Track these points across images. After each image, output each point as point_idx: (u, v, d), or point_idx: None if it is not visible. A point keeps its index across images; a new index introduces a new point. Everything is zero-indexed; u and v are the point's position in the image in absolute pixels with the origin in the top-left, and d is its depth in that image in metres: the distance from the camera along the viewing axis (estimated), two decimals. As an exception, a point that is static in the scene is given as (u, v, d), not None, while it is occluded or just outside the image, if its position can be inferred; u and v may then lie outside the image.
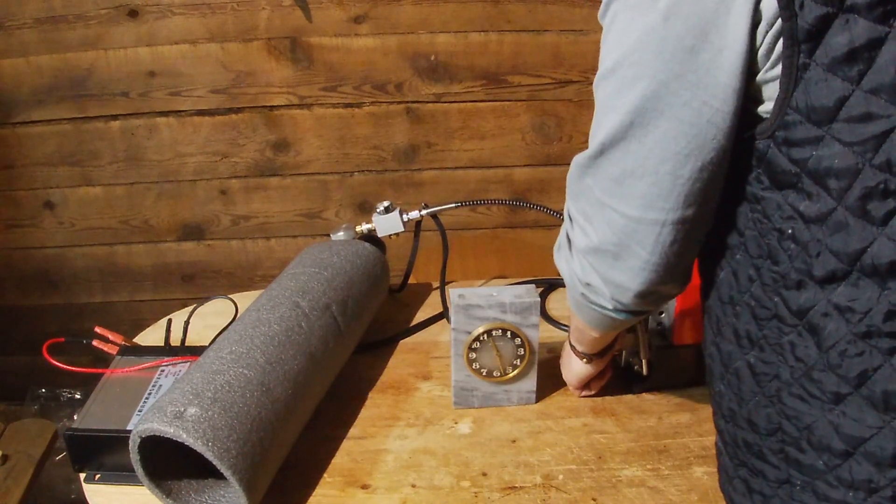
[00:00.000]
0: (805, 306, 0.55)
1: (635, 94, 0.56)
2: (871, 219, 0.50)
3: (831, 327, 0.54)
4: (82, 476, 0.84)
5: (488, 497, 0.81)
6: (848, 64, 0.48)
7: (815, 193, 0.52)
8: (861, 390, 0.53)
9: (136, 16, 1.56)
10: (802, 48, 0.49)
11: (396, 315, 1.13)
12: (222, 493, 0.78)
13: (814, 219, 0.53)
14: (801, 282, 0.55)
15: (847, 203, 0.51)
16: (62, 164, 1.71)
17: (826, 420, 0.56)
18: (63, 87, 1.63)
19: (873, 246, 0.51)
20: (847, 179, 0.50)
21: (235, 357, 0.80)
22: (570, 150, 1.79)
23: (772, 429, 0.60)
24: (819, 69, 0.49)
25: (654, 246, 0.60)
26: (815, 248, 0.53)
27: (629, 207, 0.60)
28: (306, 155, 1.75)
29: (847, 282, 0.53)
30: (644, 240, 0.60)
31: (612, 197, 0.61)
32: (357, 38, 1.64)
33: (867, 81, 0.48)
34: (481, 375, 0.91)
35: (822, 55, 0.49)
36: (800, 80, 0.50)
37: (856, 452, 0.54)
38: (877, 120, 0.49)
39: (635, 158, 0.58)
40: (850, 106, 0.49)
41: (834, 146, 0.50)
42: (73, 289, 1.86)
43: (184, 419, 0.71)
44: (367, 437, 0.90)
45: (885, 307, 0.51)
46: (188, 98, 1.65)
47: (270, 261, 1.86)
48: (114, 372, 0.90)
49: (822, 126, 0.50)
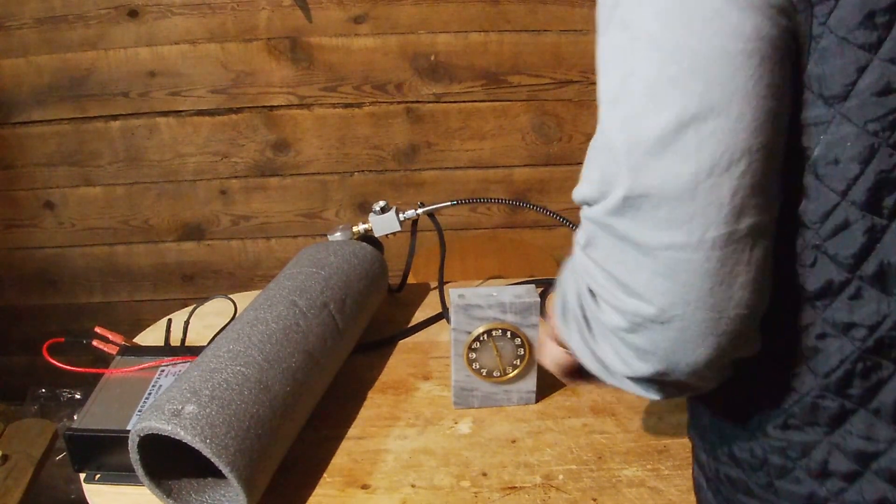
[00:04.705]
0: (800, 326, 0.50)
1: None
2: (882, 211, 0.46)
3: (833, 349, 0.49)
4: (82, 476, 0.84)
5: (488, 497, 0.81)
6: (866, 29, 0.44)
7: (814, 189, 0.47)
8: (869, 405, 0.50)
9: (136, 16, 1.56)
10: (816, 11, 0.44)
11: (395, 315, 1.13)
12: (222, 492, 0.78)
13: (810, 221, 0.48)
14: (791, 299, 0.50)
15: (854, 196, 0.46)
16: (62, 164, 1.71)
17: (828, 443, 0.52)
18: (63, 87, 1.63)
19: (883, 242, 0.46)
20: (858, 166, 0.45)
21: (233, 355, 0.80)
22: (570, 150, 1.79)
23: (757, 463, 0.56)
24: (833, 37, 0.45)
25: (749, 265, 0.46)
26: (810, 256, 0.49)
27: (694, 233, 0.45)
28: (306, 155, 1.75)
29: (845, 294, 0.48)
30: (738, 259, 0.45)
31: (665, 230, 0.45)
32: (357, 38, 1.64)
33: (886, 49, 0.44)
34: (481, 375, 0.91)
35: (837, 21, 0.44)
36: (813, 52, 0.45)
37: (867, 471, 0.51)
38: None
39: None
40: (868, 78, 0.44)
41: (845, 127, 0.45)
42: (73, 289, 1.86)
43: (181, 417, 0.71)
44: (367, 437, 0.90)
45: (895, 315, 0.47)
46: (188, 98, 1.65)
47: (270, 261, 1.86)
48: (114, 372, 0.90)
49: (833, 104, 0.45)
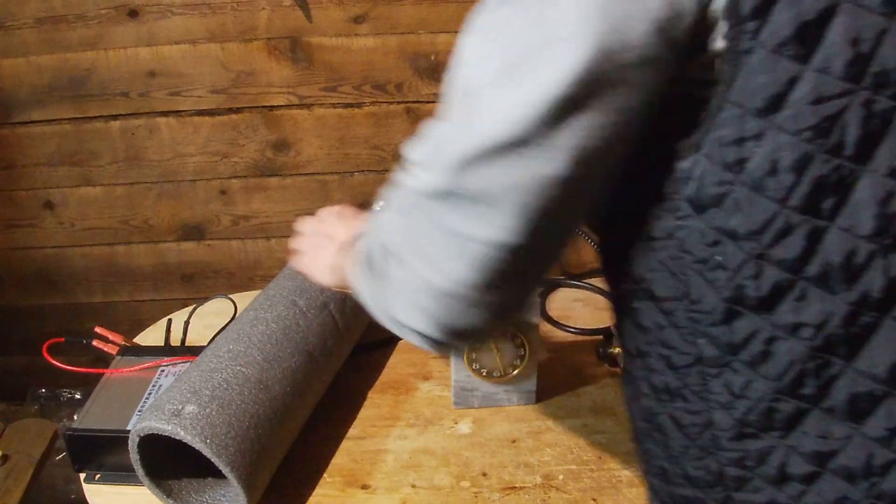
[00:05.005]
0: (740, 338, 0.50)
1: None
2: (820, 213, 0.46)
3: (783, 351, 0.49)
4: (82, 476, 0.84)
5: (488, 497, 0.81)
6: (798, 42, 0.44)
7: (750, 202, 0.47)
8: (822, 403, 0.49)
9: (136, 16, 1.56)
10: (746, 27, 0.44)
11: (396, 315, 1.13)
12: (223, 492, 0.78)
13: (750, 233, 0.47)
14: (732, 312, 0.49)
15: (793, 202, 0.46)
16: (62, 164, 1.71)
17: (784, 447, 0.51)
18: (63, 87, 1.62)
19: (824, 242, 0.46)
20: (794, 174, 0.45)
21: (233, 355, 0.80)
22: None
23: (712, 479, 0.55)
24: (765, 51, 0.44)
25: (538, 266, 0.53)
26: (752, 268, 0.48)
27: (495, 234, 0.50)
28: (306, 155, 1.75)
29: (791, 296, 0.48)
30: (507, 270, 0.52)
31: (470, 221, 0.51)
32: (357, 38, 1.64)
33: (818, 60, 0.44)
34: (481, 375, 0.91)
35: (769, 35, 0.44)
36: (742, 67, 0.45)
37: (825, 471, 0.50)
38: (829, 101, 0.44)
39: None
40: (800, 89, 0.44)
41: (781, 138, 0.45)
42: (73, 289, 1.86)
43: (181, 417, 0.71)
44: (367, 437, 0.90)
45: (843, 310, 0.47)
46: (188, 98, 1.65)
47: (270, 261, 1.86)
48: (114, 372, 0.90)
49: (766, 116, 0.45)
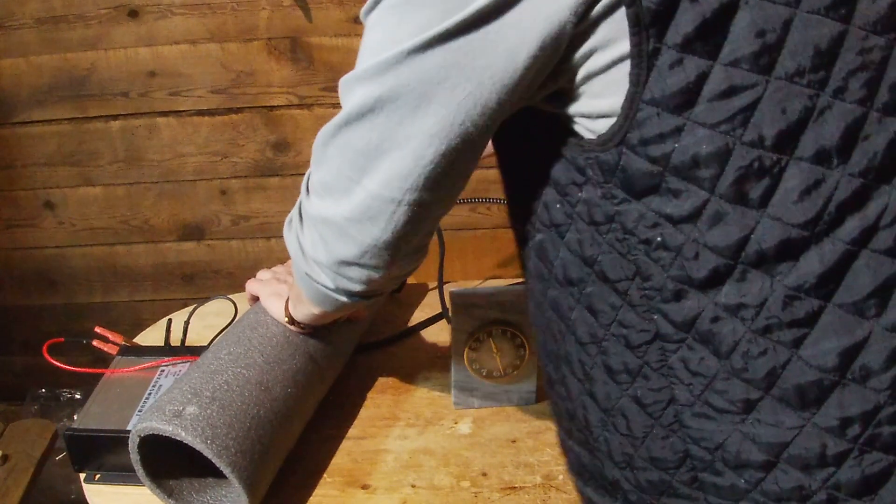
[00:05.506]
0: (690, 315, 0.51)
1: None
2: (749, 202, 0.47)
3: (726, 331, 0.50)
4: (82, 476, 0.84)
5: (488, 497, 0.81)
6: (702, 39, 0.45)
7: (684, 189, 0.48)
8: (773, 391, 0.50)
9: (136, 16, 1.56)
10: (651, 32, 0.45)
11: (395, 315, 1.13)
12: (223, 492, 0.78)
13: (685, 218, 0.49)
14: (680, 291, 0.51)
15: (721, 191, 0.47)
16: (62, 164, 1.71)
17: (740, 433, 0.51)
18: (63, 87, 1.62)
19: (756, 231, 0.47)
20: (717, 165, 0.47)
21: (234, 358, 0.80)
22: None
23: (678, 459, 0.55)
24: (672, 51, 0.45)
25: (387, 224, 0.58)
26: (692, 250, 0.49)
27: (370, 182, 0.56)
28: (306, 155, 1.75)
29: (732, 278, 0.49)
30: (378, 216, 0.58)
31: (354, 170, 0.57)
32: (357, 39, 1.63)
33: (725, 54, 0.45)
34: (481, 375, 0.91)
35: (674, 35, 0.45)
36: (652, 68, 0.46)
37: (780, 461, 0.50)
38: (741, 92, 0.45)
39: (382, 133, 0.54)
40: (711, 83, 0.45)
41: (698, 132, 0.46)
42: (73, 289, 1.86)
43: (182, 417, 0.71)
44: (367, 437, 0.90)
45: (780, 294, 0.48)
46: (188, 98, 1.65)
47: (270, 261, 1.86)
48: (114, 372, 0.90)
49: (681, 113, 0.46)
